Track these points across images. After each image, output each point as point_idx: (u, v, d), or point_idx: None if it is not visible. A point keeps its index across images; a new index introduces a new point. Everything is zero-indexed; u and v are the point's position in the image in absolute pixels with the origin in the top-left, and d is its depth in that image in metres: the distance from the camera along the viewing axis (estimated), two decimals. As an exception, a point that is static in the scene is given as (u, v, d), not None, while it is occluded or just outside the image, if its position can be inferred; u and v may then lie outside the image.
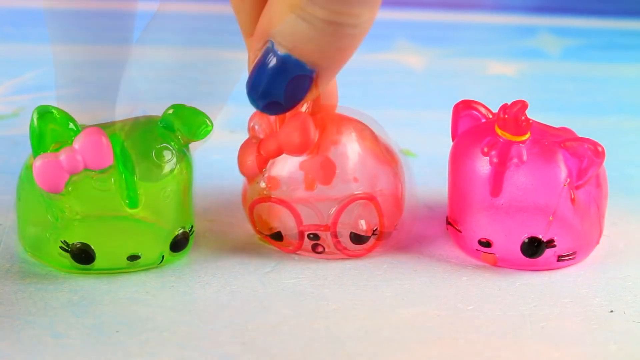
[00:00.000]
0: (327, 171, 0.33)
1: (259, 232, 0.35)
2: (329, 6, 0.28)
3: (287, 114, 0.33)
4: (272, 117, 0.34)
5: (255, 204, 0.35)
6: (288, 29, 0.29)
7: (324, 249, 0.34)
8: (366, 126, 0.35)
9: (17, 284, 0.33)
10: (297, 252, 0.35)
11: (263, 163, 0.34)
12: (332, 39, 0.29)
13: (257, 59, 0.30)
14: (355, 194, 0.34)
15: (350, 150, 0.34)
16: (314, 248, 0.35)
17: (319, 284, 0.33)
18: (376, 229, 0.34)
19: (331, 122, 0.34)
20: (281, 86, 0.30)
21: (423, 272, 0.35)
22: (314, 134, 0.33)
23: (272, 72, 0.30)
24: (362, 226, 0.34)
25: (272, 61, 0.30)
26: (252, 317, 0.31)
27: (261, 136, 0.34)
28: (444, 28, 0.72)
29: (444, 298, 0.33)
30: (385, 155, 0.35)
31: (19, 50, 0.62)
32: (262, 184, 0.34)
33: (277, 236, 0.35)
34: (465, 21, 0.75)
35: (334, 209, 0.34)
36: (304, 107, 0.33)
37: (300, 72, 0.30)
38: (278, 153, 0.34)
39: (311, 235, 0.34)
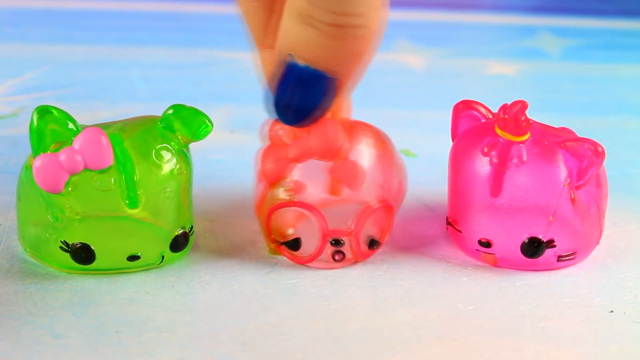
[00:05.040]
0: (357, 177, 0.33)
1: (274, 241, 0.34)
2: (333, 8, 0.28)
3: None
4: None
5: (276, 209, 0.34)
6: (301, 39, 0.29)
7: (344, 255, 0.34)
8: (382, 132, 0.35)
9: (17, 284, 0.33)
10: (310, 263, 0.34)
11: (286, 168, 0.34)
12: (343, 42, 0.29)
13: (279, 74, 0.31)
14: (379, 201, 0.34)
15: (371, 156, 0.34)
16: (334, 255, 0.34)
17: (319, 284, 0.33)
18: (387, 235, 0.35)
19: (351, 129, 0.34)
20: (307, 98, 0.31)
21: (423, 272, 0.35)
22: (344, 140, 0.33)
23: (296, 85, 0.30)
24: (379, 232, 0.34)
25: (294, 75, 0.30)
26: (253, 317, 0.31)
27: (286, 140, 0.34)
28: (444, 28, 0.72)
29: (444, 298, 0.33)
30: (396, 161, 0.35)
31: (19, 50, 0.62)
32: (286, 189, 0.34)
33: (294, 243, 0.34)
34: (465, 21, 0.74)
35: (357, 214, 0.34)
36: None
37: (322, 81, 0.30)
38: (307, 158, 0.33)
39: (333, 242, 0.34)
